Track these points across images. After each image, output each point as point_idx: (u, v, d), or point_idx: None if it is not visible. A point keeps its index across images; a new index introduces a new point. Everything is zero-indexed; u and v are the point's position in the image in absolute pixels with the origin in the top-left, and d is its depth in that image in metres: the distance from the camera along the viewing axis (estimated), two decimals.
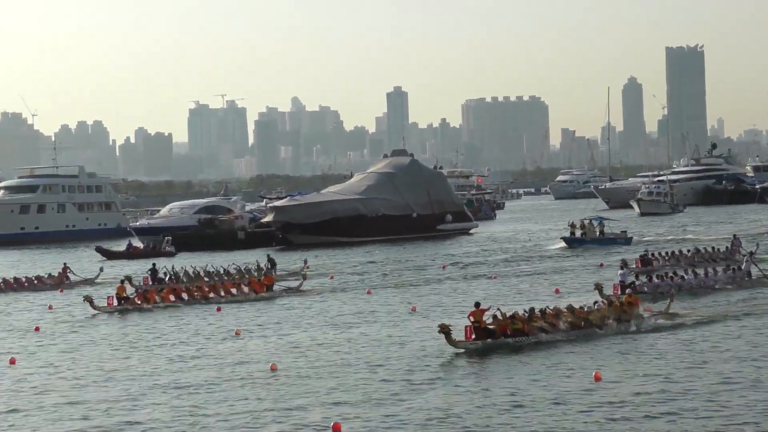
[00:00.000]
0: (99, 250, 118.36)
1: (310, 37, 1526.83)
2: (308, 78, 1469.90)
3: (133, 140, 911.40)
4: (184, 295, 65.49)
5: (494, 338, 43.22)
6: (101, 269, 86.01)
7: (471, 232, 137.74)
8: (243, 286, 68.91)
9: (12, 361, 43.88)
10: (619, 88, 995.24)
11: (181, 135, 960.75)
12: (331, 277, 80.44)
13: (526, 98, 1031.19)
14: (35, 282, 78.32)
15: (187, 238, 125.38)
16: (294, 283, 72.98)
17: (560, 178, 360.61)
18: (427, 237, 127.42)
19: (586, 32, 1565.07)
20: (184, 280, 73.20)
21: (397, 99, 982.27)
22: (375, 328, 51.36)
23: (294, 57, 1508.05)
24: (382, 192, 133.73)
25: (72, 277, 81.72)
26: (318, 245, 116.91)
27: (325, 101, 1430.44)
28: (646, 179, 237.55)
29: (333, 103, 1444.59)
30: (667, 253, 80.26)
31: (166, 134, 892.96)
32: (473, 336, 43.16)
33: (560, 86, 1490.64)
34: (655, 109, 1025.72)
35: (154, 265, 79.22)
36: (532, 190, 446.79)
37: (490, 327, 43.64)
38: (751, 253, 72.58)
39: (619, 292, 56.32)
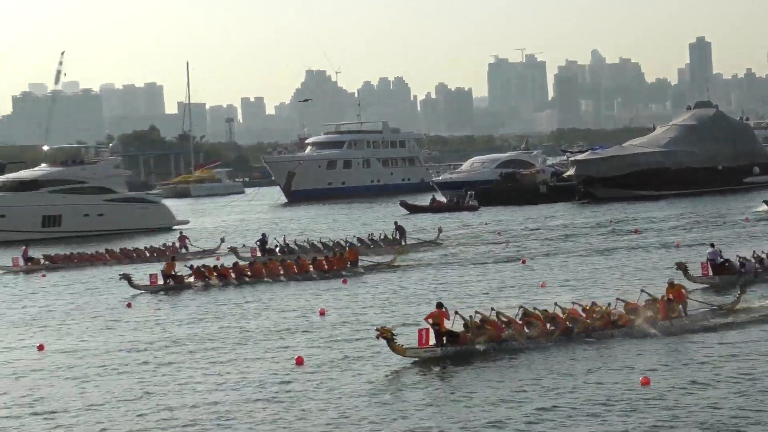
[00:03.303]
0: (403, 204, 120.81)
1: None
2: (608, 30, 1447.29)
3: (433, 95, 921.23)
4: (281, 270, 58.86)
5: (458, 344, 34.79)
6: (222, 240, 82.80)
7: None
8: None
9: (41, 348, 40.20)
10: None
11: (481, 90, 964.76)
12: (507, 244, 74.35)
13: None
14: (152, 254, 74.77)
15: (488, 192, 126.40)
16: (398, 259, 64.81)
17: None
18: (735, 190, 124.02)
19: None
20: (294, 251, 69.26)
21: (700, 49, 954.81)
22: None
23: (593, 9, 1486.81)
24: (686, 144, 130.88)
25: (190, 248, 79.14)
26: (620, 199, 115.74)
27: (625, 53, 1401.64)
28: None
29: (633, 55, 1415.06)
30: None
31: (466, 89, 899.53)
32: (429, 341, 34.75)
33: None
34: None
35: (264, 235, 74.93)
36: None
37: (455, 331, 35.15)
38: None
39: (710, 273, 49.19)
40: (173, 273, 57.49)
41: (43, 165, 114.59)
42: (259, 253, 69.95)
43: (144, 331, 43.19)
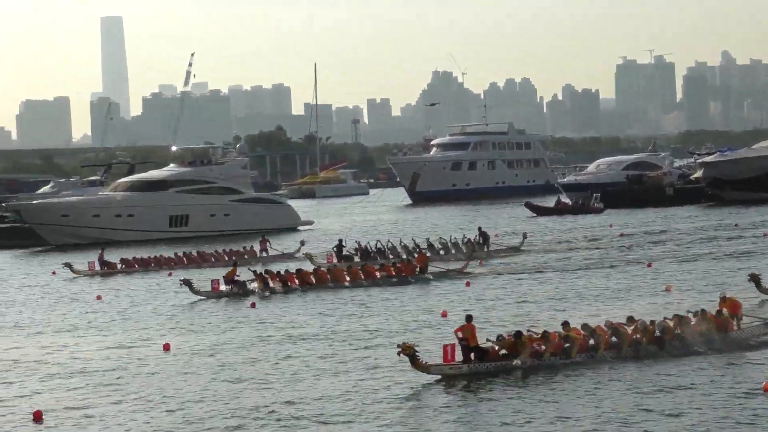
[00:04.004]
0: (528, 206, 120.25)
1: None
2: (739, 31, 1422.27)
3: (560, 97, 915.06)
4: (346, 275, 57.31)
5: (487, 360, 32.47)
6: (302, 242, 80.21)
7: None
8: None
9: (166, 347, 40.40)
10: None
11: (608, 91, 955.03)
12: (630, 246, 71.30)
13: None
14: (230, 257, 71.98)
15: (614, 195, 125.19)
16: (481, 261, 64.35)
17: None
18: None
19: None
20: (371, 255, 67.45)
21: None
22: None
23: (724, 9, 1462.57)
24: None
25: (270, 251, 77.15)
26: (748, 202, 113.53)
27: (756, 54, 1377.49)
28: None
29: (765, 56, 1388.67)
30: None
31: (593, 90, 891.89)
32: (454, 358, 32.28)
33: None
34: None
35: (340, 241, 72.78)
36: None
37: (483, 346, 33.01)
38: None
39: None
40: (235, 278, 56.34)
41: (171, 165, 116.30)
42: (335, 259, 68.32)
43: (267, 329, 43.48)
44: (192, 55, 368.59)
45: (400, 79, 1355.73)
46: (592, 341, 33.53)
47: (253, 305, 51.03)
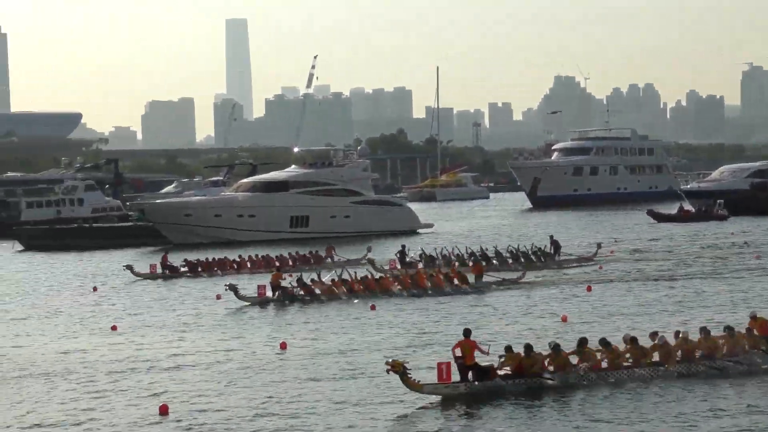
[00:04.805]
0: (650, 213, 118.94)
1: None
2: None
3: (684, 103, 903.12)
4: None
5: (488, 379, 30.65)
6: (369, 249, 77.55)
7: None
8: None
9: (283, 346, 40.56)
10: None
11: (733, 97, 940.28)
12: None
13: None
14: (295, 262, 73.05)
15: (738, 202, 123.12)
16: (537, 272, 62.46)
17: None
18: None
19: None
20: (437, 263, 65.90)
21: None
22: None
23: None
24: None
25: (335, 258, 75.52)
26: None
27: None
28: None
29: None
30: None
31: (718, 97, 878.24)
32: (450, 377, 30.38)
33: None
34: None
35: (403, 247, 72.14)
36: None
37: (483, 365, 31.08)
38: None
39: None
40: (281, 284, 55.69)
41: (292, 167, 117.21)
42: (398, 266, 67.70)
43: (385, 332, 43.60)
44: (315, 57, 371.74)
45: (522, 83, 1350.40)
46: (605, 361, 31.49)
47: (373, 308, 51.07)
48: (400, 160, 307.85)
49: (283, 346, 40.45)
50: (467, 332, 31.81)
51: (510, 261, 67.39)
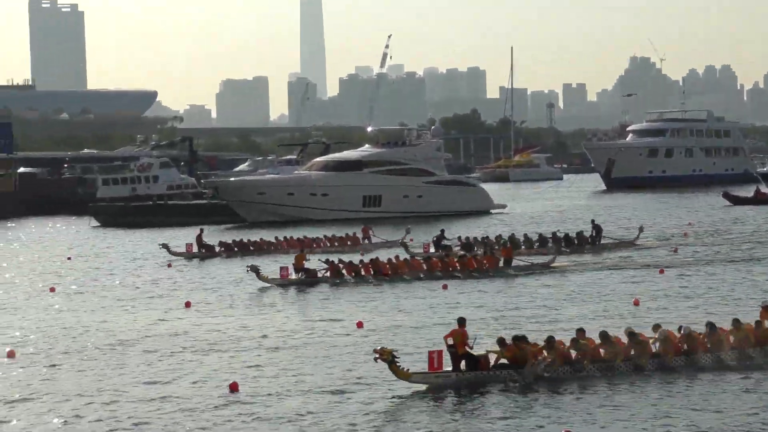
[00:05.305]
0: (726, 195, 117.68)
1: None
2: None
3: (761, 85, 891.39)
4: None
5: (481, 369, 29.83)
6: (407, 230, 76.43)
7: None
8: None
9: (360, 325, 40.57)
10: None
11: None
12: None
13: None
14: (332, 243, 72.03)
15: None
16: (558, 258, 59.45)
17: None
18: None
19: None
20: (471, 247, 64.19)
21: None
22: None
23: None
24: None
25: (373, 239, 75.33)
26: None
27: None
28: None
29: None
30: None
31: None
32: (441, 366, 29.53)
33: None
34: None
35: (442, 231, 69.93)
36: None
37: (475, 354, 30.15)
38: None
39: None
40: (304, 266, 54.99)
41: (366, 146, 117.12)
42: (432, 249, 66.35)
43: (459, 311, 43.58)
44: (389, 36, 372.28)
45: (597, 64, 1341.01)
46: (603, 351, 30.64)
47: (444, 287, 51.03)
48: (473, 140, 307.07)
49: (360, 325, 40.44)
50: (462, 321, 31.09)
51: (550, 245, 65.75)
